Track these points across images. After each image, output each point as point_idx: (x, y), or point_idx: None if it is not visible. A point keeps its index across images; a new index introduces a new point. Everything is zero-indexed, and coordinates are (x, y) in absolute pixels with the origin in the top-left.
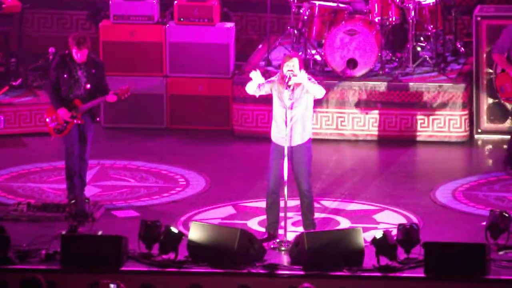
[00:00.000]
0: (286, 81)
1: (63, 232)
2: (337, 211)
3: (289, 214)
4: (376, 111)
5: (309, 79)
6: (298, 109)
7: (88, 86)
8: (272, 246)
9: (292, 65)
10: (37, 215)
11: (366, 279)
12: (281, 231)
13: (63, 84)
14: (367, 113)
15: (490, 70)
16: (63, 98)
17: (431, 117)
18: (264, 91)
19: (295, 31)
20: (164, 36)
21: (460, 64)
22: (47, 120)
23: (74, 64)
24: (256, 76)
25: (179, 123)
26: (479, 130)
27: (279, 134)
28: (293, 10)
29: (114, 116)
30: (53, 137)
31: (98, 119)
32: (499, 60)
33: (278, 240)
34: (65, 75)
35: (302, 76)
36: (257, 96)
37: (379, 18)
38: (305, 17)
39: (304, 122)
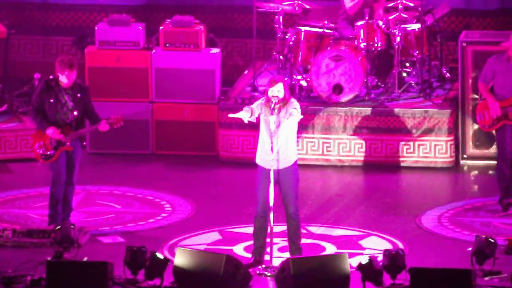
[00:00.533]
0: (272, 106)
1: (49, 258)
2: (323, 237)
3: (275, 240)
4: (362, 136)
5: (290, 99)
6: (283, 132)
7: (76, 113)
8: (258, 271)
9: (277, 90)
10: (22, 241)
11: None
12: (267, 257)
13: (49, 110)
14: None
15: (476, 96)
16: (51, 122)
17: (416, 143)
18: (257, 113)
19: (281, 57)
20: (150, 62)
21: (445, 90)
22: (35, 146)
23: (60, 89)
24: (240, 115)
25: (165, 148)
26: (465, 156)
27: (265, 157)
28: (279, 35)
29: (100, 141)
30: (40, 162)
31: (84, 143)
32: (483, 88)
33: (264, 266)
34: (51, 100)
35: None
36: (246, 122)
37: (365, 43)
38: (291, 43)
39: (289, 145)
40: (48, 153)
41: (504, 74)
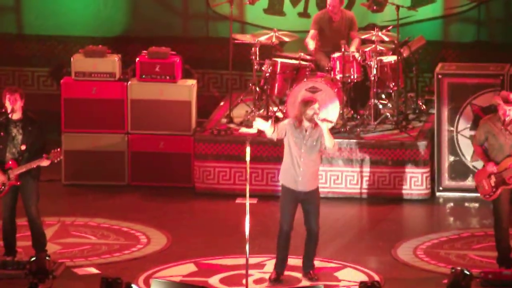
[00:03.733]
0: (320, 118)
1: None
2: (299, 268)
3: (250, 272)
4: (338, 168)
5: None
6: (313, 154)
7: (23, 147)
8: None
9: (318, 108)
10: None
11: None
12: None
13: (1, 143)
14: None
15: (452, 128)
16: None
17: (392, 175)
18: (283, 132)
19: (257, 88)
20: (126, 93)
21: (421, 122)
22: None
23: (10, 122)
24: (260, 124)
25: (141, 180)
26: (441, 188)
27: (293, 178)
28: (255, 67)
29: (75, 173)
30: None
31: (35, 177)
32: (477, 151)
33: None
34: (1, 134)
35: (325, 126)
36: (275, 139)
37: (341, 75)
38: (267, 74)
39: (316, 168)
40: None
41: (496, 136)
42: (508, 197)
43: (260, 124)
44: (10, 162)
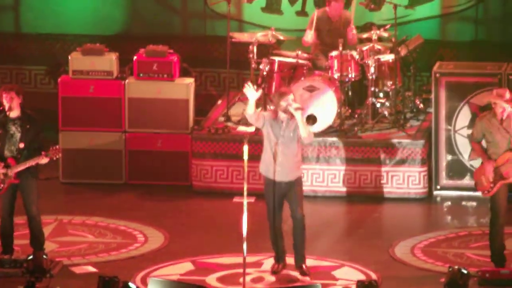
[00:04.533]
0: (293, 107)
1: None
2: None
3: (248, 270)
4: (335, 167)
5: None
6: (291, 146)
7: (22, 145)
8: None
9: (292, 99)
10: None
11: None
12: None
13: None
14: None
15: (449, 127)
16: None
17: (390, 174)
18: (261, 121)
19: (255, 87)
20: (123, 91)
21: (419, 121)
22: None
23: (8, 120)
24: (250, 91)
25: (138, 178)
26: (438, 187)
27: (271, 168)
28: (253, 66)
29: (73, 171)
30: None
31: (35, 174)
32: (475, 148)
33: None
34: None
35: (298, 114)
36: (254, 124)
37: (339, 74)
38: (265, 73)
39: (297, 159)
40: None
41: (493, 133)
42: (506, 193)
43: (249, 91)
44: (9, 160)
